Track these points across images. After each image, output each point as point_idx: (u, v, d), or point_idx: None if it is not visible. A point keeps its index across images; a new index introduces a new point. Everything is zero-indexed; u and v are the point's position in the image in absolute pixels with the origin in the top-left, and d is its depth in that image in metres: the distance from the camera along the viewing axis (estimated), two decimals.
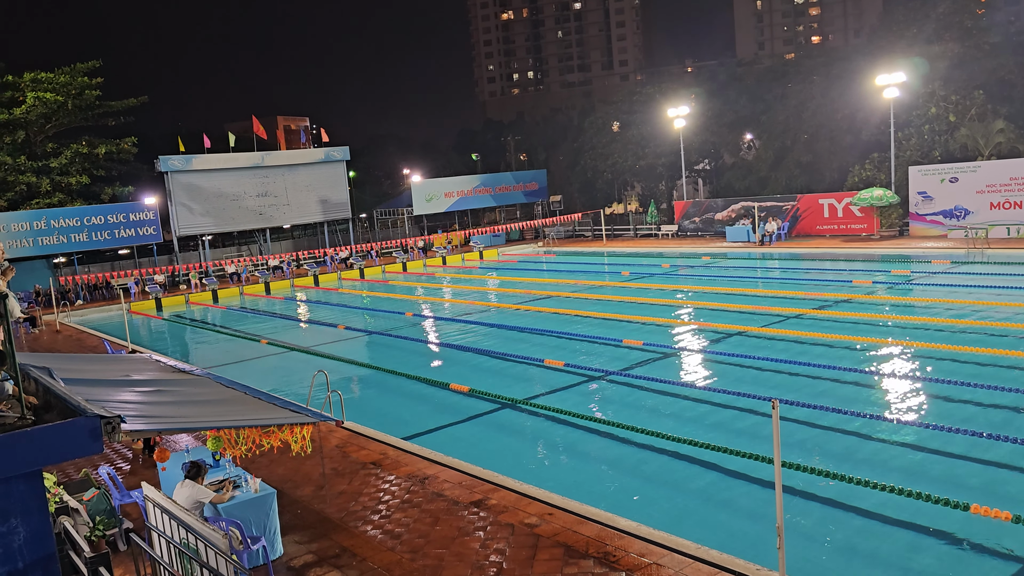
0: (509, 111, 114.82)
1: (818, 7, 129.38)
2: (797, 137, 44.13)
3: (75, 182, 43.32)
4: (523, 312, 25.43)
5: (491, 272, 39.28)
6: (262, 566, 8.59)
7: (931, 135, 37.17)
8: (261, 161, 45.86)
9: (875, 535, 8.91)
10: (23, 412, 5.39)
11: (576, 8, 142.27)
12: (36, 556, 4.89)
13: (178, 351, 25.29)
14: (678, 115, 45.39)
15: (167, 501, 8.34)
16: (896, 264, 29.48)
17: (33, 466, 4.95)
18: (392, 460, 11.86)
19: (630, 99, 54.72)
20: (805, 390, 14.23)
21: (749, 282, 28.69)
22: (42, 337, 27.88)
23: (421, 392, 16.62)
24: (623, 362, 17.37)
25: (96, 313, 34.71)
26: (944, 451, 11.05)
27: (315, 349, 21.82)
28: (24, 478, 4.89)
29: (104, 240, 41.18)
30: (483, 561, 8.39)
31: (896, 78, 35.01)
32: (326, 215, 48.59)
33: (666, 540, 8.52)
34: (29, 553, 4.86)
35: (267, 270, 42.61)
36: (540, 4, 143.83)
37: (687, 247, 40.11)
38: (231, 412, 8.39)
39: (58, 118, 43.88)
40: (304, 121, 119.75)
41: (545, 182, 57.57)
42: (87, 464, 12.29)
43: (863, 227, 36.79)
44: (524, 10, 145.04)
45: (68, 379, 7.00)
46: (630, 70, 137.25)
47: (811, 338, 18.06)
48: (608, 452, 12.29)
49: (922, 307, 21.63)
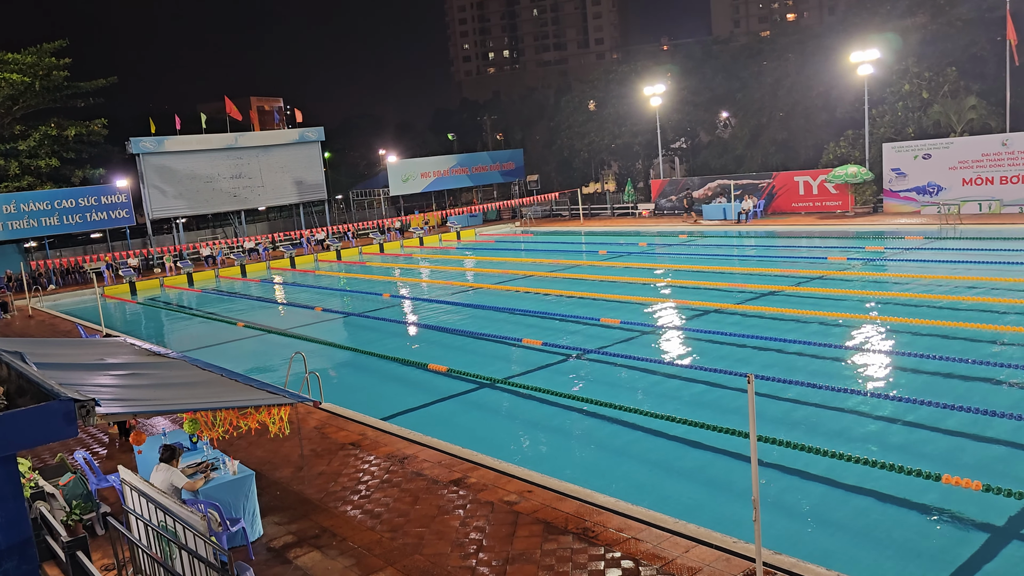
0: (485, 90, 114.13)
1: None
2: (772, 115, 44.30)
3: (44, 165, 42.58)
4: (501, 292, 25.44)
5: (468, 252, 39.22)
6: (242, 547, 8.59)
7: (905, 112, 37.47)
8: (235, 142, 45.36)
9: (851, 507, 9.06)
10: None
11: None
12: (12, 541, 4.86)
13: (153, 335, 25.07)
14: (654, 93, 45.38)
15: (144, 484, 8.30)
16: (870, 240, 29.79)
17: (7, 451, 4.91)
18: (371, 440, 11.86)
19: (606, 77, 54.59)
20: (780, 365, 14.39)
21: (726, 260, 28.87)
22: (14, 323, 27.52)
23: (399, 373, 16.62)
24: (601, 340, 17.45)
25: (69, 298, 34.28)
26: (917, 423, 11.23)
27: (292, 331, 21.72)
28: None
29: (76, 224, 40.61)
30: (463, 539, 8.44)
31: (870, 55, 35.20)
32: (302, 196, 48.22)
33: (644, 515, 8.61)
34: (4, 538, 4.83)
35: (243, 252, 42.22)
36: None
37: (664, 226, 40.24)
38: (208, 394, 8.35)
39: (25, 100, 43.02)
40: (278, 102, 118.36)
41: (522, 162, 57.45)
42: (62, 449, 12.19)
43: (838, 204, 37.09)
44: None
45: (41, 363, 6.92)
46: (606, 48, 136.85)
47: (787, 314, 18.24)
48: (587, 430, 12.37)
49: (896, 282, 21.89)
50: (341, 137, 72.74)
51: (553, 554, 7.91)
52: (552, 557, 7.85)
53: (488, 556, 8.01)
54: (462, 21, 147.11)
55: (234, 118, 45.94)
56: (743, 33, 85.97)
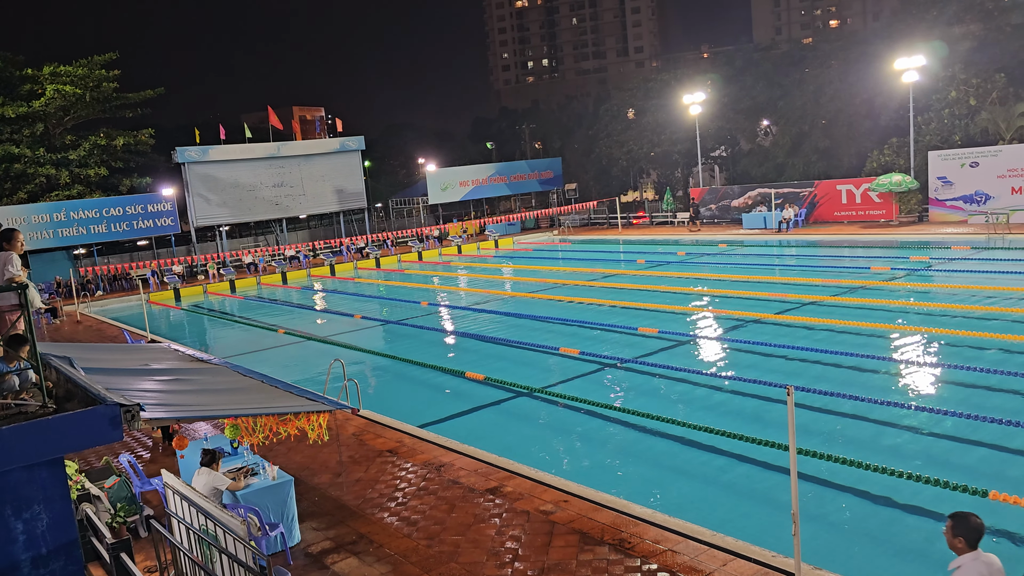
0: (524, 99, 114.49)
1: None
2: (815, 123, 43.73)
3: (94, 174, 43.70)
4: (538, 300, 25.44)
5: (506, 261, 39.29)
6: (280, 552, 8.69)
7: (951, 119, 36.73)
8: (277, 152, 46.05)
9: (892, 522, 8.88)
10: (45, 401, 5.48)
11: None
12: (59, 542, 4.98)
13: (196, 340, 25.51)
14: (694, 101, 45.08)
15: (186, 488, 8.44)
16: (915, 250, 29.22)
17: (55, 454, 5.03)
18: (408, 448, 11.93)
19: (645, 86, 54.38)
20: (821, 377, 14.18)
21: (766, 269, 28.54)
22: (63, 328, 28.20)
23: (437, 380, 16.69)
24: (638, 350, 17.36)
25: (116, 303, 35.04)
26: (962, 438, 10.98)
27: (331, 338, 21.94)
28: (46, 465, 4.97)
29: (123, 231, 41.56)
30: (499, 548, 8.44)
31: (915, 61, 34.58)
32: (342, 205, 48.76)
33: (681, 527, 8.54)
34: (52, 539, 4.95)
35: (284, 260, 42.82)
36: None
37: (703, 235, 39.92)
38: (249, 400, 8.48)
39: (76, 110, 44.22)
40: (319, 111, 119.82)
41: (560, 170, 57.45)
42: (108, 452, 12.45)
43: (882, 213, 36.47)
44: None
45: (89, 368, 7.09)
46: (645, 56, 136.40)
47: (828, 325, 17.96)
48: (623, 439, 12.31)
49: (942, 294, 21.44)
50: (381, 146, 73.42)
51: (589, 564, 7.88)
52: (588, 568, 7.82)
53: (524, 566, 8.00)
54: (501, 30, 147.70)
55: (276, 128, 46.64)
56: (785, 40, 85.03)
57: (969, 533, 4.92)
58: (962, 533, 4.94)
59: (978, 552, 4.86)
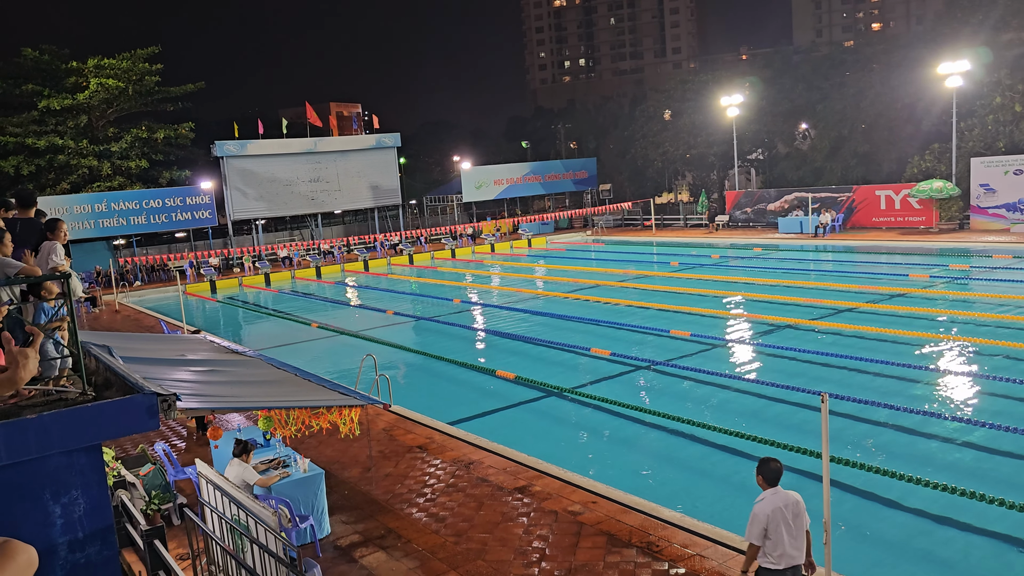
0: (560, 98, 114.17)
1: None
2: (854, 127, 43.10)
3: (135, 166, 44.44)
4: (570, 300, 25.39)
5: (539, 260, 39.27)
6: (309, 544, 8.77)
7: (995, 126, 35.98)
8: (314, 147, 46.46)
9: (926, 534, 8.74)
10: (84, 388, 5.58)
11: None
12: (95, 527, 5.06)
13: (231, 332, 25.83)
14: (731, 104, 44.69)
15: (219, 478, 8.56)
16: (955, 258, 28.70)
17: (93, 440, 5.11)
18: (438, 444, 11.98)
19: (683, 87, 53.98)
20: (856, 385, 13.98)
21: (801, 274, 28.20)
22: (102, 316, 28.71)
23: (467, 378, 16.74)
24: (670, 352, 17.26)
25: (153, 294, 35.60)
26: (999, 450, 10.77)
27: (364, 333, 22.09)
28: (85, 451, 5.06)
29: (161, 223, 42.24)
30: (526, 547, 8.45)
31: (959, 67, 33.95)
32: (376, 201, 49.08)
33: (710, 532, 8.48)
34: (88, 524, 5.03)
35: (318, 255, 43.20)
36: None
37: (738, 238, 39.56)
38: (282, 393, 8.56)
39: (119, 103, 45.00)
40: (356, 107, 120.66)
41: (595, 170, 57.27)
42: (144, 440, 12.66)
43: (921, 220, 35.87)
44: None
45: (127, 357, 7.21)
46: (683, 58, 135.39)
47: (864, 332, 17.70)
48: (653, 442, 12.25)
49: (981, 303, 21.03)
50: (417, 143, 73.71)
51: (616, 567, 7.85)
52: (615, 570, 7.79)
53: (551, 566, 7.99)
54: (539, 29, 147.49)
55: (314, 123, 47.04)
56: (826, 43, 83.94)
57: (768, 474, 6.43)
58: (762, 474, 6.45)
59: (777, 488, 6.37)
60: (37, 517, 4.85)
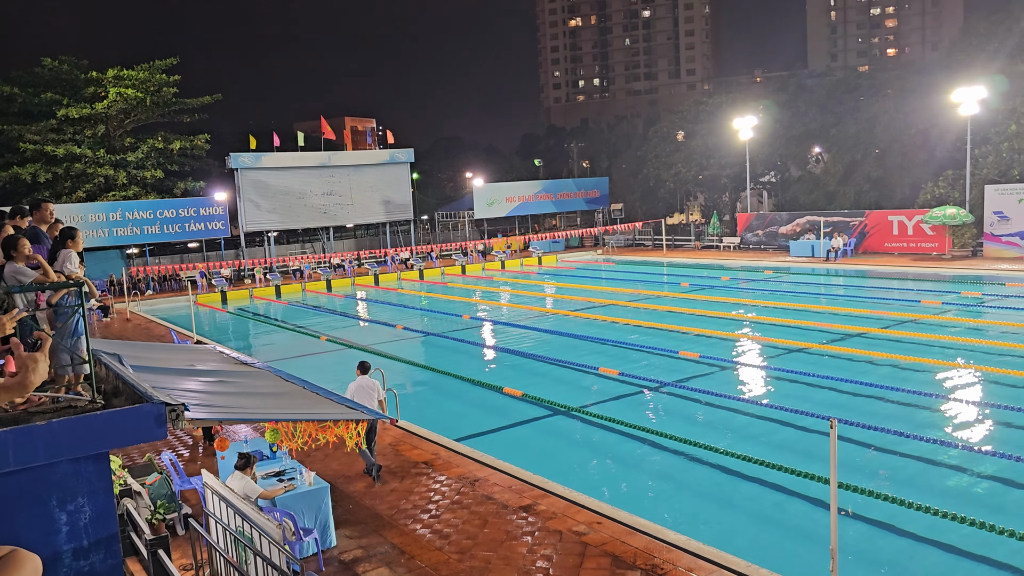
0: (573, 118, 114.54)
1: (895, 19, 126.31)
2: (868, 152, 43.06)
3: (150, 176, 44.82)
4: (580, 319, 25.37)
5: (549, 278, 39.27)
6: (312, 556, 8.75)
7: (1010, 153, 35.87)
8: (327, 161, 46.73)
9: (933, 563, 8.66)
10: (94, 396, 5.61)
11: (645, 16, 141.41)
12: (100, 535, 5.07)
13: (241, 343, 25.91)
14: (745, 126, 44.73)
15: (225, 489, 8.56)
16: (968, 285, 28.54)
17: (101, 448, 5.13)
18: (444, 460, 11.95)
19: (696, 108, 54.11)
20: (866, 410, 13.88)
21: (812, 298, 28.10)
22: (113, 325, 28.85)
23: (475, 395, 16.72)
24: (678, 374, 17.19)
25: (164, 303, 35.77)
26: (1011, 480, 10.66)
27: (373, 347, 22.11)
28: (92, 459, 5.08)
29: (175, 233, 42.50)
30: (530, 566, 8.40)
31: (975, 93, 33.90)
32: (389, 216, 49.25)
33: (716, 556, 8.41)
34: (93, 532, 5.04)
35: (329, 268, 43.35)
36: (608, 11, 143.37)
37: (749, 260, 39.50)
38: (289, 405, 8.57)
39: (136, 114, 45.45)
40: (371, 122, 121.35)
41: (607, 190, 57.35)
42: (151, 449, 12.68)
43: (934, 246, 35.73)
44: (592, 17, 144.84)
45: (136, 366, 7.24)
46: (697, 79, 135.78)
47: (874, 357, 17.60)
48: (660, 464, 12.18)
49: (994, 331, 20.89)
50: (430, 159, 74.01)
51: None
52: None
53: None
54: (554, 49, 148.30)
55: (328, 137, 47.35)
56: (840, 67, 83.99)
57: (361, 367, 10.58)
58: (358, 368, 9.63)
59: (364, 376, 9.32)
60: (43, 523, 4.87)
